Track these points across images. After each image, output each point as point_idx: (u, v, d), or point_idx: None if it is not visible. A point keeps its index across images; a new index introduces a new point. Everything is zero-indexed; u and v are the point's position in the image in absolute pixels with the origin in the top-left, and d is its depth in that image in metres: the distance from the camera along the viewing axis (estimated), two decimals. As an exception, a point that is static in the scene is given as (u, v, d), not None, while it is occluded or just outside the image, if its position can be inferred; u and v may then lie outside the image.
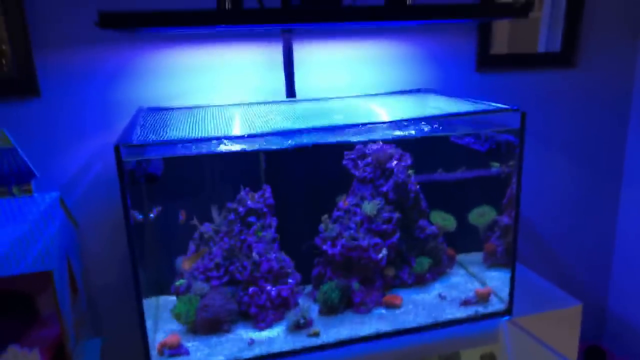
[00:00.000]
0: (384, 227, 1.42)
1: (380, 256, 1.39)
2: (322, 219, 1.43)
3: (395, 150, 1.50)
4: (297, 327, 1.30)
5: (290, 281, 1.38)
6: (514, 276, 1.35)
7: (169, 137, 1.11)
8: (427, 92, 1.64)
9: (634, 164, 1.97)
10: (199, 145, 1.15)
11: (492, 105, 1.31)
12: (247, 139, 1.15)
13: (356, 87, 1.63)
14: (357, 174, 1.50)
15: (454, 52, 1.71)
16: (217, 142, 1.14)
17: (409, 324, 1.31)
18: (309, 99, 1.53)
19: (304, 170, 1.49)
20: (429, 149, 1.50)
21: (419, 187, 1.51)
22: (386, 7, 1.22)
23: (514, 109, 1.26)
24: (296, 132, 1.17)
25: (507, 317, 1.37)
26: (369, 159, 1.49)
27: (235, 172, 1.46)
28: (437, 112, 1.31)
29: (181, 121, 1.27)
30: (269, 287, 1.34)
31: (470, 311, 1.37)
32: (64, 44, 1.37)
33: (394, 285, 1.48)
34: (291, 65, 1.49)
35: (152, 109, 1.43)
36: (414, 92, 1.65)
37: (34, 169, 1.29)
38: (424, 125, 1.32)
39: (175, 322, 1.34)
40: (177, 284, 1.39)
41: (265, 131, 1.15)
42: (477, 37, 1.71)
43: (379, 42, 1.62)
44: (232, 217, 1.41)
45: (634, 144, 1.96)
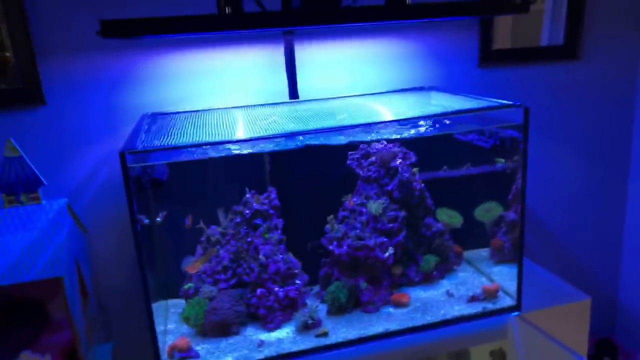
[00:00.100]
0: (390, 226, 1.42)
1: (386, 255, 1.39)
2: (328, 219, 1.43)
3: (399, 148, 1.50)
4: (306, 327, 1.31)
5: (297, 282, 1.38)
6: (521, 271, 1.35)
7: (173, 143, 1.12)
8: (429, 89, 1.64)
9: (641, 156, 1.96)
10: (203, 149, 1.16)
11: (495, 101, 1.31)
12: (251, 141, 1.16)
13: (359, 87, 1.63)
14: (361, 173, 1.50)
15: (456, 48, 1.70)
16: (222, 146, 1.15)
17: (417, 322, 1.32)
18: (312, 100, 1.54)
19: (308, 171, 1.49)
20: (433, 147, 1.50)
21: (424, 185, 1.51)
22: (386, 7, 1.22)
23: (517, 104, 1.26)
24: (300, 134, 1.17)
25: (515, 313, 1.37)
26: (373, 158, 1.49)
27: (240, 174, 1.46)
28: (440, 109, 1.31)
29: (185, 126, 1.28)
30: (276, 289, 1.34)
31: (478, 308, 1.37)
32: (67, 51, 1.38)
33: (402, 283, 1.48)
34: (293, 66, 1.49)
35: (156, 114, 1.44)
36: (417, 89, 1.65)
37: (42, 176, 1.30)
38: (428, 123, 1.32)
39: (184, 325, 1.35)
40: (186, 287, 1.40)
41: (269, 134, 1.15)
42: (479, 32, 1.70)
43: (380, 41, 1.62)
44: (238, 220, 1.42)
45: (641, 135, 1.95)
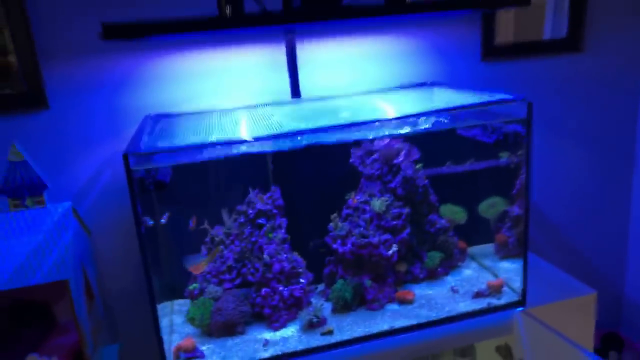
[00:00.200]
0: (394, 223, 1.42)
1: (391, 252, 1.39)
2: (332, 217, 1.43)
3: (402, 145, 1.50)
4: (311, 326, 1.31)
5: (302, 281, 1.39)
6: (526, 266, 1.35)
7: (176, 144, 1.12)
8: (432, 85, 1.63)
9: (646, 148, 1.95)
10: (206, 150, 1.16)
11: (498, 96, 1.30)
12: (254, 141, 1.15)
13: (361, 84, 1.63)
14: (364, 171, 1.50)
15: (459, 43, 1.70)
16: (225, 146, 1.15)
17: (423, 319, 1.32)
18: (314, 98, 1.53)
19: (311, 169, 1.49)
20: (436, 143, 1.49)
21: (427, 181, 1.51)
22: (386, 4, 1.21)
23: (520, 99, 1.25)
24: (302, 132, 1.17)
25: (521, 308, 1.36)
26: (376, 156, 1.49)
27: (243, 174, 1.46)
28: (443, 105, 1.30)
29: (188, 127, 1.28)
30: (281, 288, 1.35)
31: (483, 303, 1.37)
32: (70, 54, 1.39)
33: (406, 280, 1.48)
34: (295, 65, 1.49)
35: (158, 116, 1.44)
36: (420, 85, 1.64)
37: (46, 180, 1.31)
38: (431, 119, 1.31)
39: (190, 325, 1.35)
40: (191, 287, 1.41)
41: (272, 133, 1.15)
42: (481, 27, 1.69)
43: (382, 38, 1.62)
44: (242, 220, 1.42)
45: (645, 127, 1.94)
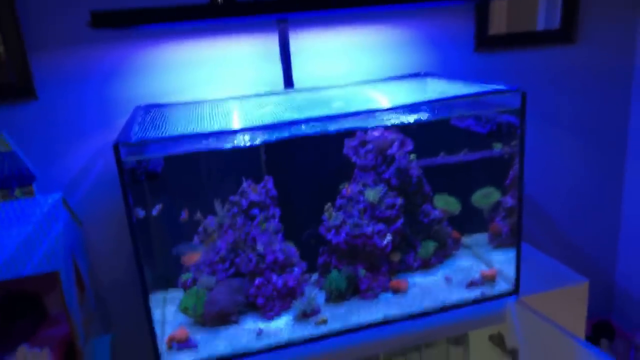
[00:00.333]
0: (388, 213, 1.41)
1: (384, 242, 1.39)
2: (326, 207, 1.43)
3: (396, 135, 1.49)
4: (305, 315, 1.31)
5: (296, 270, 1.38)
6: (519, 256, 1.35)
7: (167, 134, 1.11)
8: (425, 75, 1.63)
9: (638, 138, 1.95)
10: (198, 140, 1.15)
11: (492, 86, 1.30)
12: (247, 131, 1.15)
13: (354, 74, 1.62)
14: (358, 161, 1.49)
15: (452, 34, 1.69)
16: (216, 136, 1.14)
17: (416, 308, 1.32)
18: (307, 89, 1.52)
19: (305, 160, 1.48)
20: (430, 133, 1.49)
21: (421, 171, 1.50)
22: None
23: (514, 89, 1.25)
24: (295, 123, 1.16)
25: (514, 297, 1.37)
26: (370, 146, 1.49)
27: (236, 164, 1.45)
28: (436, 95, 1.30)
29: (179, 117, 1.27)
30: (275, 278, 1.34)
31: (477, 293, 1.37)
32: (58, 44, 1.37)
33: (400, 270, 1.48)
34: (288, 55, 1.47)
35: (150, 106, 1.43)
36: (413, 76, 1.63)
37: (35, 171, 1.29)
38: (424, 109, 1.31)
39: (183, 315, 1.35)
40: (184, 277, 1.40)
41: (264, 123, 1.15)
42: (475, 17, 1.69)
43: (375, 28, 1.61)
44: (235, 210, 1.41)
45: (637, 118, 1.94)
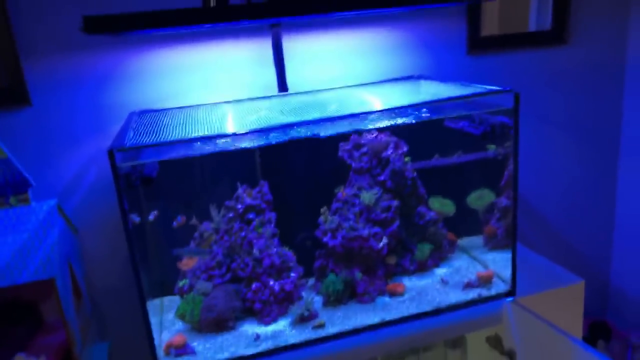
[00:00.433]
0: (383, 215, 1.42)
1: (381, 245, 1.39)
2: (321, 211, 1.43)
3: (390, 138, 1.50)
4: (302, 320, 1.31)
5: (292, 275, 1.38)
6: (515, 257, 1.35)
7: (162, 139, 1.11)
8: (419, 78, 1.64)
9: (631, 138, 1.97)
10: (193, 145, 1.15)
11: (485, 87, 1.30)
12: (241, 135, 1.15)
13: (348, 78, 1.62)
14: (353, 164, 1.50)
15: (445, 36, 1.70)
16: (211, 141, 1.14)
17: (413, 311, 1.32)
18: (301, 92, 1.53)
19: (300, 163, 1.48)
20: (424, 136, 1.49)
21: (416, 173, 1.51)
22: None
23: (507, 90, 1.25)
24: (290, 126, 1.16)
25: (510, 298, 1.37)
26: (365, 149, 1.49)
27: (231, 169, 1.46)
28: (430, 97, 1.30)
29: (174, 122, 1.26)
30: (271, 282, 1.34)
31: (473, 294, 1.38)
32: (51, 50, 1.37)
33: (396, 273, 1.48)
34: (281, 59, 1.48)
35: (144, 112, 1.43)
36: (406, 79, 1.64)
37: (30, 178, 1.29)
38: (418, 111, 1.31)
39: (180, 321, 1.34)
40: (180, 283, 1.40)
41: (259, 127, 1.15)
42: (467, 19, 1.70)
43: (368, 31, 1.61)
44: (231, 215, 1.41)
45: (629, 117, 1.95)
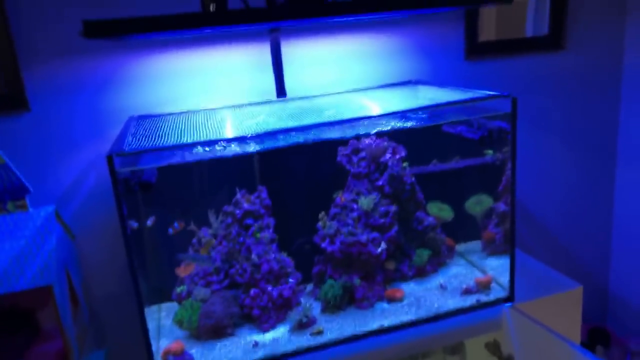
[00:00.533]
0: (382, 221, 1.42)
1: (379, 250, 1.38)
2: (320, 216, 1.42)
3: (388, 143, 1.50)
4: (300, 326, 1.30)
5: (291, 281, 1.38)
6: (513, 263, 1.35)
7: (161, 145, 1.10)
8: (416, 83, 1.64)
9: (628, 143, 1.97)
10: (191, 150, 1.15)
11: (483, 92, 1.31)
12: (240, 140, 1.15)
13: (346, 83, 1.63)
14: (351, 169, 1.50)
15: (442, 42, 1.70)
16: (210, 146, 1.14)
17: (412, 317, 1.32)
18: (299, 97, 1.53)
19: (298, 168, 1.48)
20: (422, 141, 1.49)
21: (414, 179, 1.51)
22: (371, 0, 1.21)
23: (505, 95, 1.26)
24: (289, 131, 1.16)
25: (509, 304, 1.37)
26: (363, 154, 1.49)
27: (230, 174, 1.45)
28: (428, 102, 1.30)
29: (172, 127, 1.26)
30: (270, 288, 1.34)
31: (472, 300, 1.37)
32: (50, 55, 1.36)
33: (395, 278, 1.48)
34: (280, 64, 1.48)
35: (143, 117, 1.42)
36: (404, 84, 1.65)
37: (28, 184, 1.28)
38: (416, 116, 1.32)
39: (178, 328, 1.34)
40: (178, 290, 1.39)
41: (258, 132, 1.14)
42: (465, 25, 1.70)
43: (366, 36, 1.62)
44: (229, 221, 1.41)
45: (626, 122, 1.96)
